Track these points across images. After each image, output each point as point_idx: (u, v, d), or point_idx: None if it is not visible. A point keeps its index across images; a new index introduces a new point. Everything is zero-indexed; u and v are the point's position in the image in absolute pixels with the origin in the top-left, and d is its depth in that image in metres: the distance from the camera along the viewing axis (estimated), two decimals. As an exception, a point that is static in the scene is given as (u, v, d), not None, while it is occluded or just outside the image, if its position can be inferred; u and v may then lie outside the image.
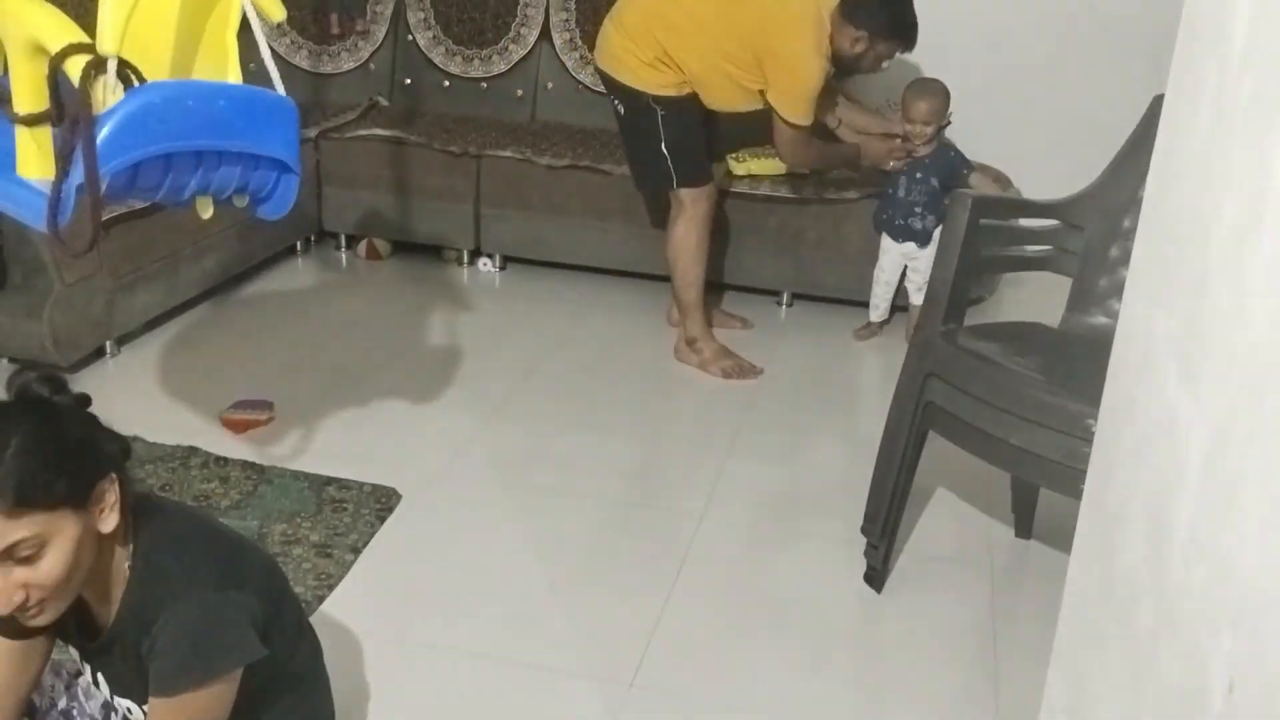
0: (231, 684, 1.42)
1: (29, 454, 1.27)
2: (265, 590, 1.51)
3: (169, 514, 1.50)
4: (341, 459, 2.76)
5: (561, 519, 2.59)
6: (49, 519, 1.28)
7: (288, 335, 3.53)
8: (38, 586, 1.29)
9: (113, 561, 1.41)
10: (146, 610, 1.39)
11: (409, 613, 2.24)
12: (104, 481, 1.35)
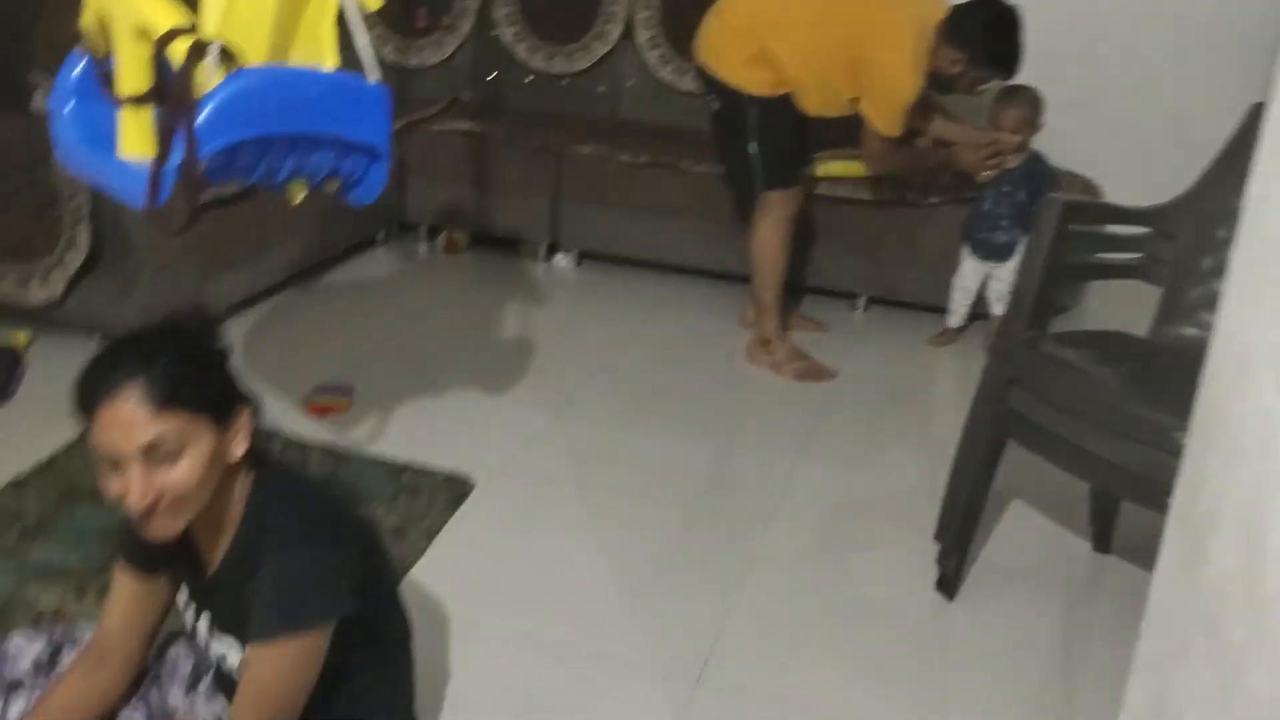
0: (324, 637, 1.46)
1: (181, 364, 1.40)
2: (365, 558, 1.55)
3: (284, 470, 1.58)
4: (417, 446, 2.80)
5: (631, 515, 2.60)
6: (190, 424, 1.37)
7: (367, 323, 3.59)
8: (170, 490, 1.37)
9: (231, 500, 1.49)
10: (253, 555, 1.46)
11: (479, 599, 2.26)
12: (241, 407, 1.46)
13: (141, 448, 1.35)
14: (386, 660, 1.67)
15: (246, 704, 1.46)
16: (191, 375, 1.40)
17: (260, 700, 1.45)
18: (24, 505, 2.46)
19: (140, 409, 1.35)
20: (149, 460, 1.36)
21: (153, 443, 1.35)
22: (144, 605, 1.61)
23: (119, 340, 1.44)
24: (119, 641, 1.61)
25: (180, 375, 1.39)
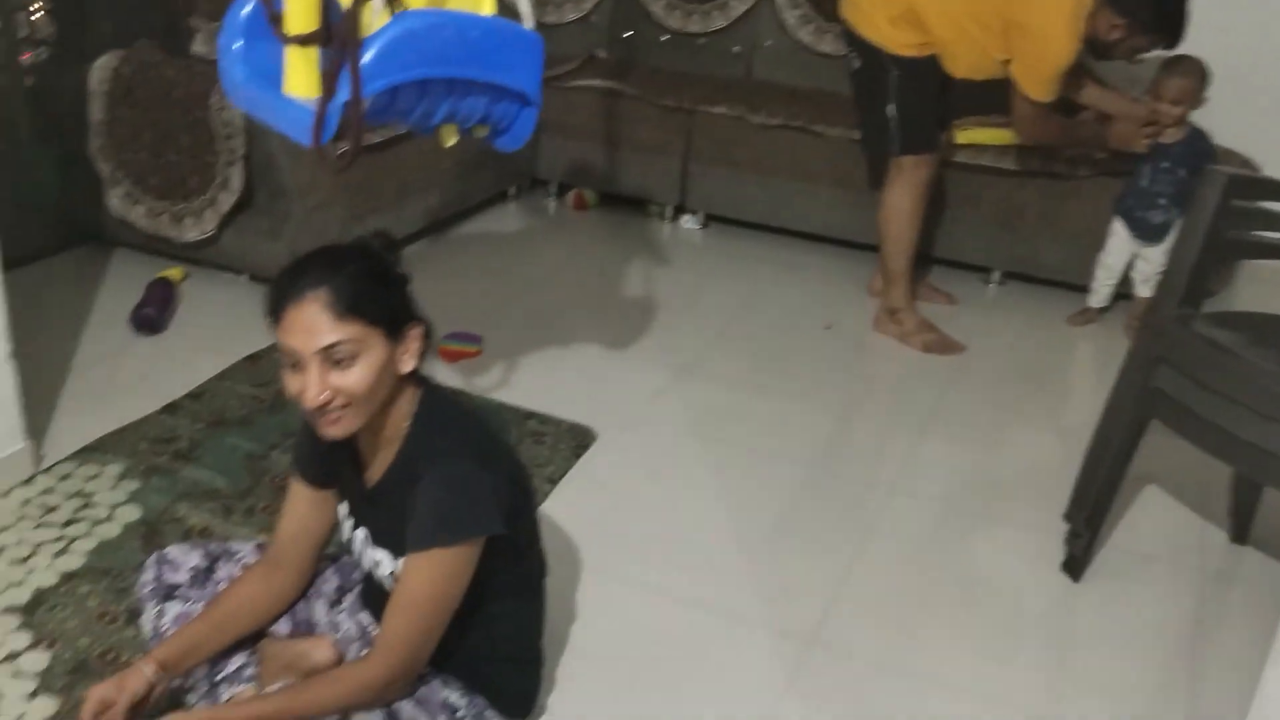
0: (473, 552, 1.54)
1: (364, 277, 1.50)
2: (514, 488, 1.62)
3: (447, 395, 1.67)
4: (542, 395, 2.85)
5: (750, 476, 2.61)
6: (366, 333, 1.48)
7: (497, 275, 3.66)
8: (343, 392, 1.48)
9: (396, 415, 1.58)
10: (413, 469, 1.54)
11: (600, 545, 2.30)
12: (413, 326, 1.55)
13: (321, 350, 1.46)
14: (522, 592, 1.72)
15: (398, 612, 1.53)
16: (372, 289, 1.50)
17: (410, 608, 1.52)
18: (176, 429, 2.59)
19: (323, 314, 1.45)
20: (326, 362, 1.47)
21: (331, 346, 1.46)
22: (314, 517, 1.73)
23: (311, 252, 1.54)
24: (292, 550, 1.73)
25: (362, 288, 1.48)
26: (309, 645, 1.75)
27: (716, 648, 2.06)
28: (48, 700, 1.80)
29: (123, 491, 2.35)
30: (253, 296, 3.28)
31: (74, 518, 2.26)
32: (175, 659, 1.63)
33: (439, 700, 1.62)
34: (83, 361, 2.87)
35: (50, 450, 2.47)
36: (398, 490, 1.56)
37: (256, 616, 1.72)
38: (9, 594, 2.03)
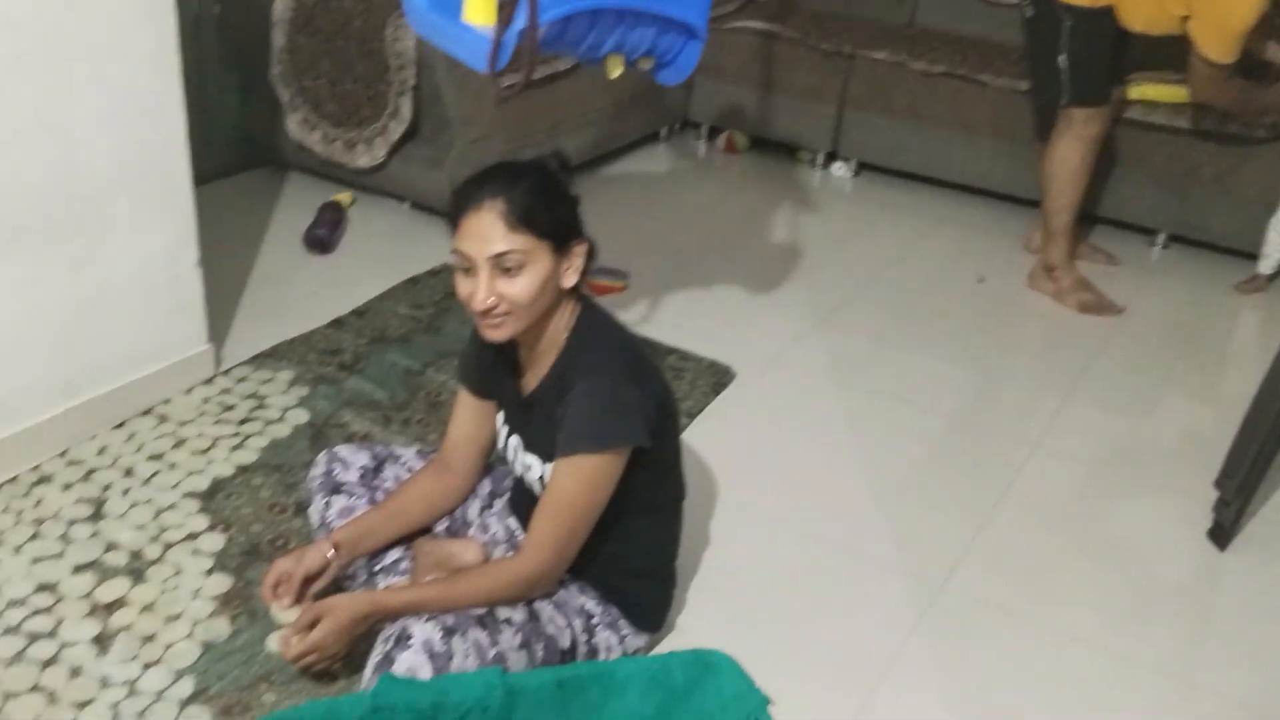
0: (618, 462, 1.62)
1: (538, 191, 1.58)
2: (661, 405, 1.69)
3: (603, 313, 1.74)
4: (683, 332, 2.91)
5: (888, 424, 2.62)
6: (534, 245, 1.57)
7: (645, 214, 3.72)
8: (508, 299, 1.58)
9: (555, 327, 1.67)
10: (567, 379, 1.63)
11: (733, 480, 2.36)
12: (579, 242, 1.63)
13: (492, 257, 1.56)
14: (661, 510, 1.80)
15: (545, 514, 1.63)
16: (544, 205, 1.58)
17: (557, 511, 1.62)
18: (341, 343, 2.75)
19: (497, 223, 1.55)
20: (496, 269, 1.57)
21: (502, 254, 1.56)
22: (478, 424, 1.85)
23: (493, 165, 1.63)
24: (459, 454, 1.87)
25: (535, 202, 1.57)
26: (459, 546, 1.86)
27: (844, 586, 2.09)
28: (222, 577, 1.97)
29: (293, 396, 2.51)
30: (414, 223, 3.44)
31: (249, 417, 2.43)
32: (350, 541, 1.77)
33: (576, 605, 1.72)
34: (259, 276, 3.06)
35: (229, 355, 2.66)
36: (550, 399, 1.65)
37: (426, 512, 1.86)
38: (190, 481, 2.21)
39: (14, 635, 1.81)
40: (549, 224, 1.58)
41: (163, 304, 2.42)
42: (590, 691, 1.50)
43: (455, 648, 1.53)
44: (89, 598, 1.90)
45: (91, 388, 2.32)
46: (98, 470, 2.22)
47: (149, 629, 1.84)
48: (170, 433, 2.36)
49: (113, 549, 2.02)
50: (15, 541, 2.01)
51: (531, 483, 1.73)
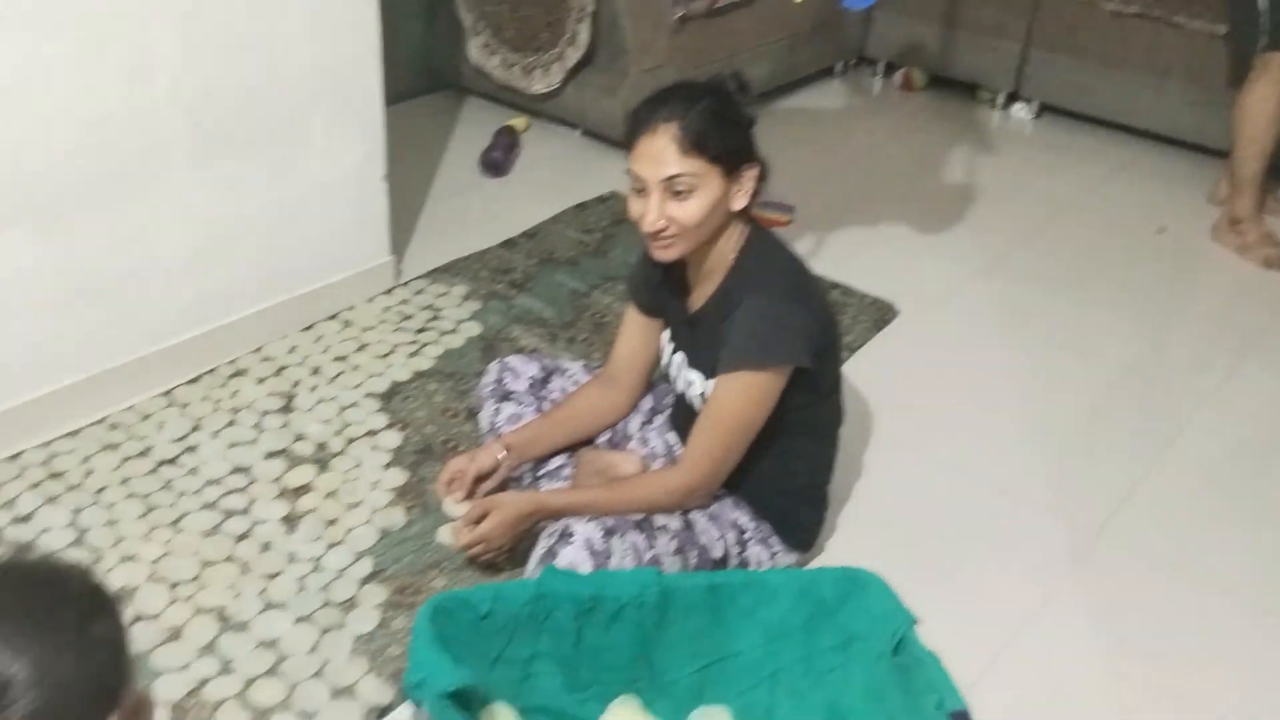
0: (779, 380, 1.65)
1: (713, 115, 1.60)
2: (825, 328, 1.72)
3: (771, 235, 1.77)
4: (847, 268, 2.90)
5: (1053, 371, 2.57)
6: (706, 169, 1.60)
7: (815, 150, 3.69)
8: (678, 221, 1.62)
9: (723, 247, 1.70)
10: (732, 297, 1.67)
11: (890, 415, 2.36)
12: (744, 167, 1.64)
13: (663, 180, 1.60)
14: (819, 433, 1.83)
15: (704, 428, 1.68)
16: (718, 128, 1.60)
17: (716, 425, 1.67)
18: (512, 262, 2.85)
19: (671, 147, 1.58)
20: (667, 191, 1.60)
21: (673, 177, 1.59)
22: (644, 341, 1.91)
23: (670, 85, 1.67)
24: (626, 368, 1.93)
25: (709, 126, 1.59)
26: (619, 458, 1.94)
27: (997, 524, 2.09)
28: (398, 472, 2.10)
29: (466, 310, 2.63)
30: (586, 150, 3.51)
31: (425, 327, 2.56)
32: (520, 445, 1.87)
33: (730, 519, 1.77)
34: (436, 195, 3.19)
35: (408, 268, 2.79)
36: (716, 317, 1.69)
37: (591, 423, 1.94)
38: (370, 382, 2.36)
39: (211, 511, 1.98)
40: (722, 149, 1.60)
41: (351, 216, 2.56)
42: (741, 597, 1.55)
43: (614, 548, 1.61)
44: (278, 482, 2.06)
45: (285, 290, 2.48)
46: (288, 367, 2.39)
47: (332, 514, 1.99)
48: (354, 337, 2.51)
49: (300, 439, 2.17)
50: (213, 427, 2.19)
51: (692, 399, 1.79)
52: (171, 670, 1.67)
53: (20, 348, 2.06)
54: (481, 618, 1.50)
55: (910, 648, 1.45)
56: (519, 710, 1.54)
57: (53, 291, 2.06)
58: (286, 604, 1.80)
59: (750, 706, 1.57)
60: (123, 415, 2.20)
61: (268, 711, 1.62)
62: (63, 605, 0.86)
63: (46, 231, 2.00)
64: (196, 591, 1.81)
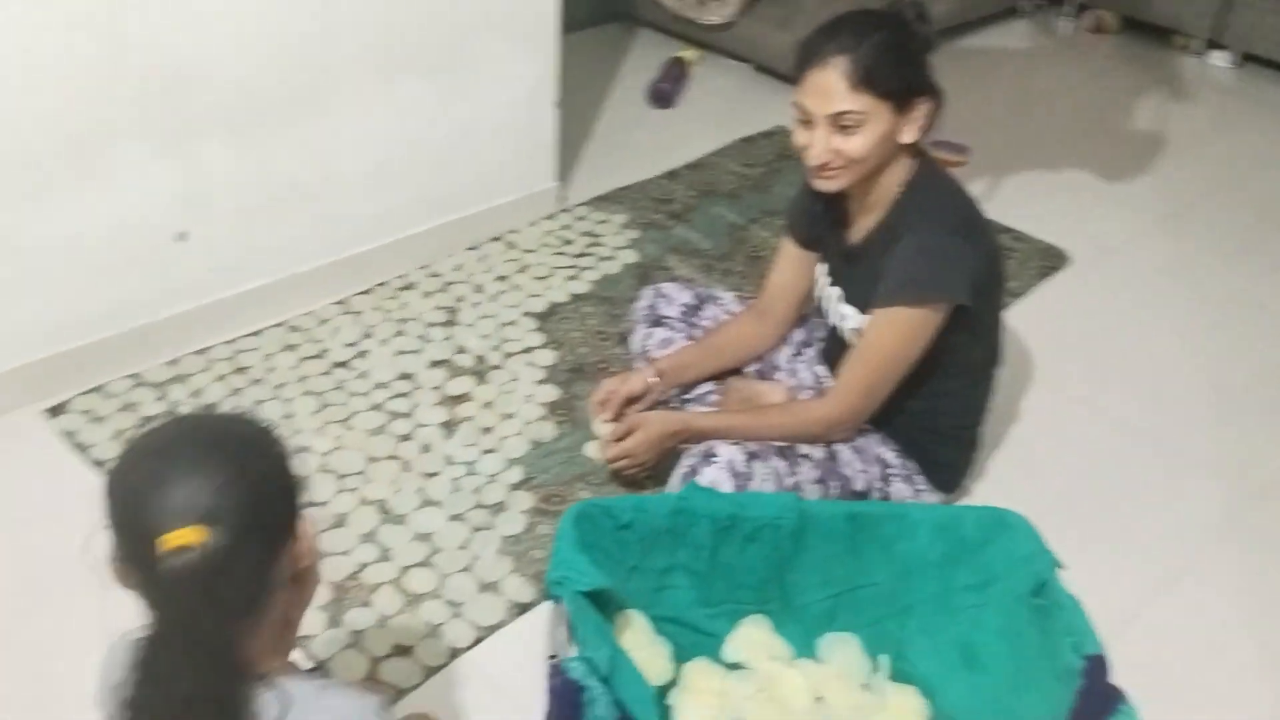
0: (935, 317, 1.61)
1: (885, 48, 1.55)
2: (989, 265, 1.67)
3: (939, 169, 1.71)
4: (1019, 213, 2.82)
5: (1226, 332, 2.45)
6: (875, 106, 1.56)
7: (996, 91, 3.57)
8: (842, 155, 1.60)
9: (889, 178, 1.66)
10: (895, 231, 1.64)
11: (1052, 361, 2.30)
12: (916, 100, 1.59)
13: (831, 115, 1.57)
14: (973, 374, 1.79)
15: (855, 362, 1.68)
16: (890, 64, 1.55)
17: (867, 359, 1.66)
18: (673, 193, 2.88)
19: (840, 82, 1.55)
20: (833, 126, 1.58)
21: (840, 113, 1.56)
22: (799, 273, 1.90)
23: (843, 15, 1.61)
24: (777, 302, 1.93)
25: (880, 62, 1.54)
26: (767, 387, 1.96)
27: (1153, 478, 2.02)
28: (551, 388, 2.18)
29: (624, 238, 2.68)
30: (755, 85, 3.49)
31: (584, 252, 2.62)
32: (671, 371, 1.91)
33: (874, 453, 1.77)
34: (603, 125, 3.23)
35: (571, 194, 2.85)
36: (876, 250, 1.67)
37: (740, 353, 1.95)
38: (530, 302, 2.43)
39: (379, 412, 2.10)
40: (892, 85, 1.55)
41: (522, 141, 2.63)
42: (881, 528, 1.55)
43: (755, 471, 1.64)
44: (440, 390, 2.16)
45: (455, 210, 2.57)
46: (453, 284, 2.49)
47: (487, 422, 2.08)
48: (516, 259, 2.58)
49: (462, 352, 2.27)
50: (382, 336, 2.31)
51: (845, 333, 1.78)
52: (335, 553, 1.79)
53: (214, 251, 2.20)
54: (622, 527, 1.55)
55: (1051, 590, 1.43)
56: (652, 619, 1.59)
57: (246, 199, 2.20)
58: (442, 502, 1.90)
59: (880, 637, 1.58)
60: (302, 319, 2.33)
61: (420, 598, 1.72)
62: (243, 444, 0.97)
63: (241, 141, 2.13)
64: (362, 484, 1.93)
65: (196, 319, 2.23)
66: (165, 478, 0.91)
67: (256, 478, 0.94)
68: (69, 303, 2.05)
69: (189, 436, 0.97)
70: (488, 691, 1.58)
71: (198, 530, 0.88)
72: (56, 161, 1.92)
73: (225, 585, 0.89)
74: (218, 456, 0.93)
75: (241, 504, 0.91)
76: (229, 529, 0.90)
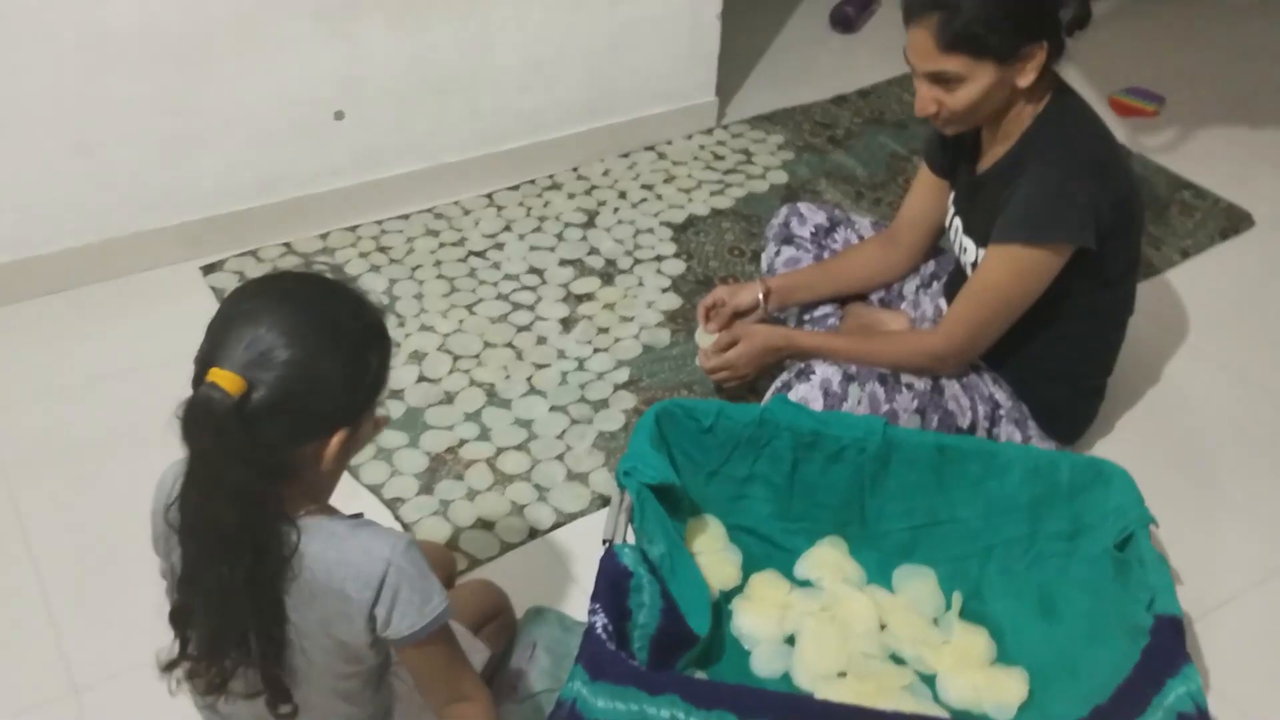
0: (1053, 259, 1.53)
1: (981, 6, 1.45)
2: (1121, 205, 1.56)
3: (1079, 105, 1.60)
4: (1207, 170, 2.61)
5: None
6: (972, 65, 1.49)
7: (1209, 41, 3.28)
8: (947, 107, 1.55)
9: (1019, 112, 1.57)
10: (1021, 163, 1.55)
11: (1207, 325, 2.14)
12: (1033, 46, 1.49)
13: (927, 73, 1.52)
14: (1100, 321, 1.69)
15: (967, 297, 1.61)
16: (986, 21, 1.45)
17: (979, 296, 1.59)
18: (838, 118, 2.80)
19: (930, 42, 1.49)
20: (934, 82, 1.52)
21: (935, 73, 1.51)
22: (933, 203, 1.82)
23: None
24: (909, 231, 1.86)
25: (973, 20, 1.45)
26: (887, 315, 1.90)
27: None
28: (674, 297, 2.18)
29: (778, 159, 2.63)
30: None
31: (734, 169, 2.58)
32: (784, 290, 1.88)
33: (985, 393, 1.69)
34: (780, 44, 3.16)
35: (731, 111, 2.81)
36: (999, 182, 1.58)
37: (864, 280, 1.89)
38: (669, 213, 2.42)
39: (503, 301, 2.15)
40: (989, 43, 1.47)
41: (682, 50, 2.60)
42: (970, 464, 1.49)
43: (850, 394, 1.60)
44: (565, 287, 2.19)
45: (609, 115, 2.58)
46: (598, 188, 2.50)
47: (605, 323, 2.10)
48: (664, 169, 2.58)
49: (594, 253, 2.29)
50: (521, 230, 2.35)
51: (966, 266, 1.70)
52: (439, 427, 1.85)
53: (369, 132, 2.29)
54: (704, 430, 1.55)
55: (1137, 545, 1.34)
56: (728, 526, 1.59)
57: (402, 82, 2.27)
58: (547, 393, 1.94)
59: (959, 574, 1.53)
60: (448, 208, 2.41)
61: (510, 478, 1.77)
62: (354, 328, 1.00)
63: (399, 22, 2.19)
64: (474, 367, 1.99)
65: (349, 197, 2.33)
66: (252, 318, 0.95)
67: (325, 369, 0.96)
68: (231, 168, 2.18)
69: (301, 297, 0.99)
70: (558, 572, 1.62)
71: (237, 380, 0.91)
72: (226, 33, 2.03)
73: (242, 441, 0.92)
74: (307, 332, 0.95)
75: (291, 387, 0.94)
76: (267, 401, 0.93)
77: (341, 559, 1.01)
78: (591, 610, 1.24)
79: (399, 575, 1.01)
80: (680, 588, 1.39)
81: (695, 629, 1.34)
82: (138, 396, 1.86)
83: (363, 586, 1.00)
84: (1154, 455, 1.83)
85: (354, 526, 1.04)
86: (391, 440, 1.82)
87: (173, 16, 1.97)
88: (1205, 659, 1.50)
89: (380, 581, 1.00)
